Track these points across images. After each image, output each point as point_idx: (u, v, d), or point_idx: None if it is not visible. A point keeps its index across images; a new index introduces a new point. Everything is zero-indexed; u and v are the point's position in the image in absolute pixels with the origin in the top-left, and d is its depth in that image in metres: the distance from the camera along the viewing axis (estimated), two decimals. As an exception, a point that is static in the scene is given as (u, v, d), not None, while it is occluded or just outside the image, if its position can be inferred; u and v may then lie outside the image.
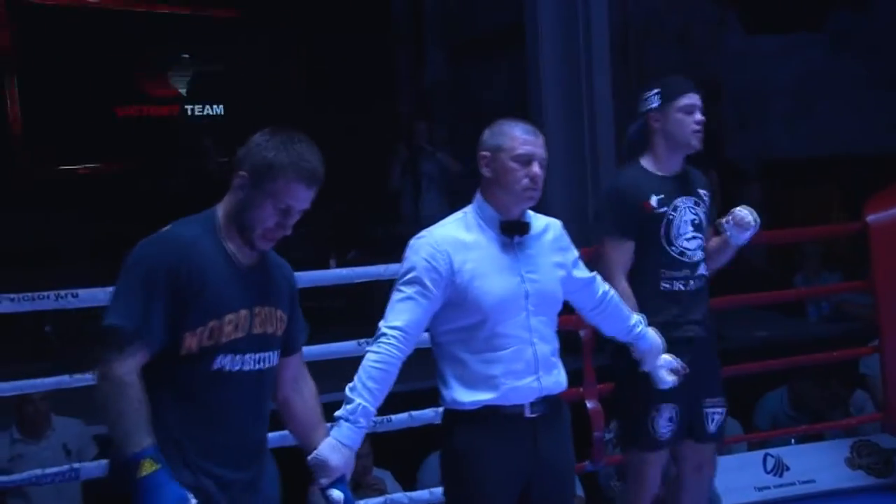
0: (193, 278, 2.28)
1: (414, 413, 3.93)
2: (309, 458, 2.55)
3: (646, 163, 3.50)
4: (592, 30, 7.27)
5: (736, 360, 5.42)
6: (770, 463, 4.74)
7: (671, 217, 3.43)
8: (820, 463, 4.79)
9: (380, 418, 3.99)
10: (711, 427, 3.56)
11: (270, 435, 3.26)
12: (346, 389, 2.65)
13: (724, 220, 3.48)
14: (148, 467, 2.17)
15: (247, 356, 2.37)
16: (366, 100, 9.86)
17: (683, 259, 3.45)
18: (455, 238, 2.80)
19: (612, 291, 3.11)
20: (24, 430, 4.78)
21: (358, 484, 4.79)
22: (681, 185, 3.49)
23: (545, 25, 7.31)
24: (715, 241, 3.58)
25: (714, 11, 9.13)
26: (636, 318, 3.15)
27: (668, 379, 3.16)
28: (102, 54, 9.54)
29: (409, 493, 4.13)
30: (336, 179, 9.65)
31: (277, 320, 2.45)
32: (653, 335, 3.16)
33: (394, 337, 2.70)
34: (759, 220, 3.46)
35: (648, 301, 3.36)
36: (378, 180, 8.15)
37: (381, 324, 2.74)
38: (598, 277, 3.08)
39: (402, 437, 4.32)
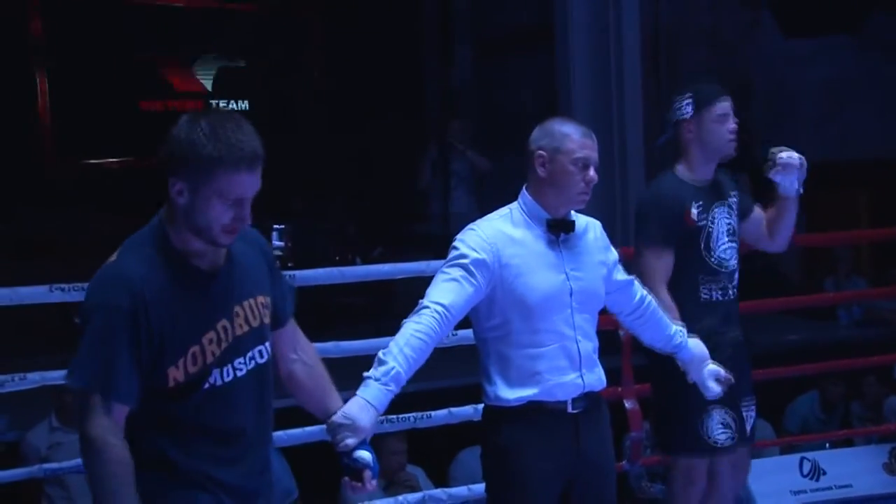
0: (154, 315, 2.12)
1: (454, 410, 3.90)
2: (335, 417, 2.39)
3: (681, 171, 3.46)
4: (623, 30, 7.25)
5: (767, 363, 5.40)
6: (807, 467, 4.70)
7: (710, 228, 3.41)
8: (857, 468, 4.75)
9: (420, 414, 3.98)
10: (748, 428, 3.55)
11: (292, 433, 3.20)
12: (380, 353, 2.55)
13: (770, 171, 3.42)
14: None
15: (237, 362, 2.23)
16: (393, 98, 9.85)
17: (721, 269, 3.43)
18: (504, 233, 2.79)
19: (650, 297, 3.08)
20: (62, 419, 4.79)
21: (391, 481, 4.79)
22: (715, 193, 3.46)
23: (575, 25, 7.30)
24: (772, 210, 3.55)
25: (745, 12, 9.09)
26: (676, 327, 3.11)
27: (714, 389, 3.11)
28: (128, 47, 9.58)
29: (447, 490, 4.11)
30: (361, 177, 9.71)
31: (261, 308, 2.29)
32: (696, 344, 3.12)
33: (437, 312, 2.64)
34: (803, 159, 3.40)
35: (689, 311, 3.32)
36: (404, 178, 8.14)
37: (424, 300, 2.67)
38: (637, 282, 3.06)
39: (434, 435, 4.30)
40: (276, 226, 9.09)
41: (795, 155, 3.41)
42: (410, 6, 10.27)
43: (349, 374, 2.72)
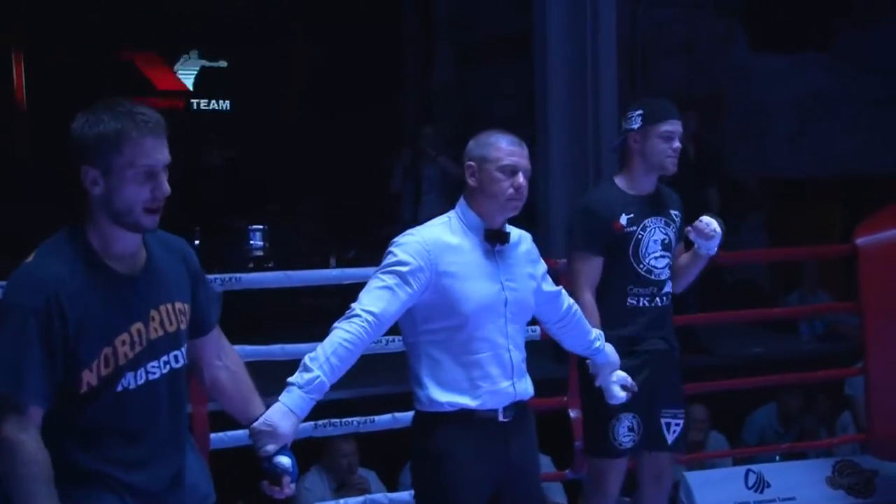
0: (68, 317, 2.11)
1: (398, 415, 3.95)
2: (256, 423, 2.43)
3: (619, 181, 3.58)
4: (600, 40, 7.30)
5: (726, 375, 5.47)
6: (752, 479, 4.75)
7: (640, 236, 3.51)
8: (801, 481, 4.80)
9: (363, 418, 4.03)
10: (669, 437, 3.63)
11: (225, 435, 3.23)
12: (306, 358, 2.58)
13: (688, 229, 3.53)
14: None
15: (150, 365, 2.24)
16: (371, 101, 9.91)
17: (650, 277, 3.52)
18: (442, 240, 2.84)
19: (576, 306, 3.18)
20: None
21: (342, 482, 4.85)
22: (652, 205, 3.56)
23: (553, 35, 7.35)
24: (686, 256, 3.66)
25: (720, 26, 9.16)
26: (596, 333, 3.22)
27: (619, 394, 3.22)
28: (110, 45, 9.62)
29: (389, 494, 4.17)
30: (339, 179, 9.75)
31: (178, 314, 2.31)
32: (610, 351, 3.23)
33: (367, 321, 2.67)
34: (723, 228, 3.51)
35: (615, 315, 3.45)
36: (380, 181, 8.21)
37: (355, 305, 2.71)
38: (564, 292, 3.14)
39: (387, 438, 4.35)
40: (253, 226, 9.16)
41: (715, 225, 3.49)
42: (391, 12, 10.33)
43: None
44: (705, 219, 3.51)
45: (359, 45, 10.09)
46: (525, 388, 2.92)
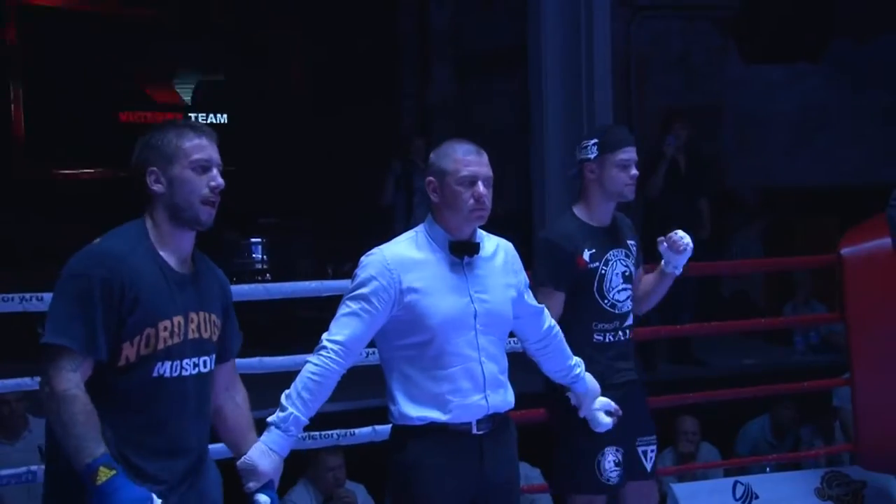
0: (126, 290, 2.31)
1: (378, 427, 3.95)
2: (238, 462, 2.58)
3: (578, 211, 3.51)
4: (594, 53, 7.33)
5: (719, 386, 5.46)
6: (739, 490, 4.74)
7: (603, 271, 3.45)
8: (790, 492, 4.78)
9: (343, 431, 4.04)
10: (648, 465, 3.58)
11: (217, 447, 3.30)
12: (282, 396, 2.69)
13: (661, 240, 3.50)
14: (104, 474, 2.19)
15: (185, 361, 2.41)
16: (368, 114, 9.94)
17: (614, 311, 3.47)
18: (405, 256, 2.83)
19: (557, 328, 3.14)
20: (-1, 431, 4.84)
21: (329, 496, 4.84)
22: (611, 237, 3.51)
23: (548, 48, 7.38)
24: (651, 277, 3.63)
25: (715, 38, 9.18)
26: (576, 360, 3.17)
27: (604, 421, 3.18)
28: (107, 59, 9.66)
29: (371, 507, 4.16)
30: (336, 192, 9.75)
31: (212, 325, 2.50)
32: (590, 379, 3.19)
33: (333, 351, 2.73)
34: (692, 245, 3.48)
35: (581, 351, 3.33)
36: (376, 194, 8.23)
37: (324, 336, 2.77)
38: (546, 311, 3.11)
39: (376, 451, 4.34)
40: (254, 239, 9.19)
41: (688, 240, 3.47)
42: (389, 25, 10.37)
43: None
44: (680, 232, 3.49)
45: (356, 59, 10.12)
46: (501, 400, 2.89)
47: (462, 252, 2.86)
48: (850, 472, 4.88)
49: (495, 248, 2.95)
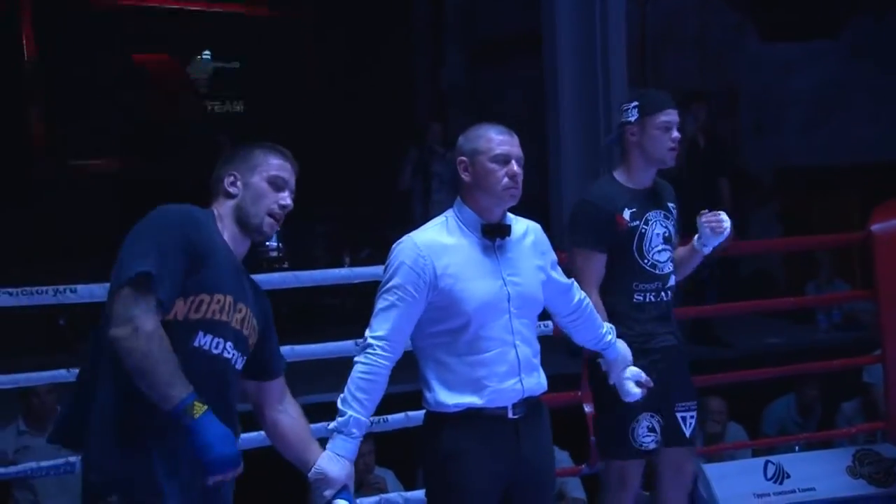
0: (200, 248, 2.38)
1: (410, 413, 3.94)
2: (309, 473, 2.62)
3: (618, 175, 3.51)
4: (609, 35, 7.30)
5: (744, 366, 5.45)
6: (771, 470, 4.72)
7: (643, 230, 3.45)
8: (821, 471, 4.76)
9: (376, 418, 4.01)
10: (687, 431, 3.58)
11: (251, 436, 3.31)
12: (338, 401, 2.72)
13: (700, 219, 3.48)
14: (199, 409, 2.25)
15: (225, 343, 2.43)
16: (383, 100, 9.91)
17: (655, 271, 3.46)
18: (437, 242, 2.81)
19: (588, 300, 3.14)
20: (30, 422, 4.84)
21: (359, 482, 4.84)
22: (652, 199, 3.50)
23: (562, 31, 7.35)
24: (682, 251, 3.61)
25: (731, 17, 9.12)
26: (607, 327, 3.18)
27: (634, 391, 3.17)
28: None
29: (404, 493, 4.16)
30: (352, 179, 9.72)
31: (252, 326, 2.53)
32: (622, 346, 3.19)
33: (379, 347, 2.74)
34: (729, 231, 3.48)
35: (622, 313, 3.38)
36: (393, 180, 8.21)
37: (367, 333, 2.78)
38: (576, 284, 3.11)
39: (405, 437, 4.34)
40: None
41: (728, 224, 3.46)
42: (402, 10, 10.34)
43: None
44: (722, 215, 3.47)
45: (370, 46, 10.10)
46: (535, 383, 2.89)
47: (494, 234, 2.84)
48: (882, 449, 4.87)
49: (525, 229, 2.94)
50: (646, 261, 3.45)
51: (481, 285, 2.79)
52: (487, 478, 2.82)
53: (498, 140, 2.82)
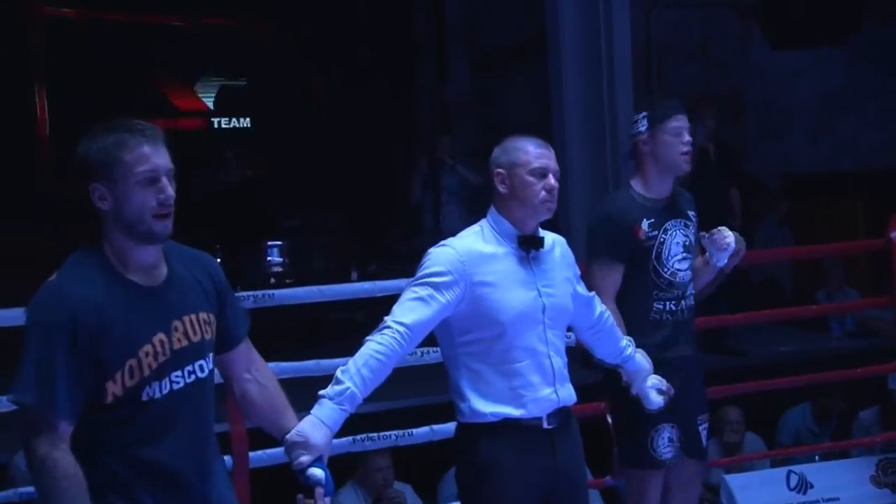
0: (93, 330, 2.17)
1: (435, 427, 3.92)
2: (289, 435, 2.44)
3: (636, 186, 3.51)
4: (614, 43, 7.26)
5: (759, 375, 5.41)
6: (794, 480, 4.70)
7: (662, 240, 3.44)
8: (845, 480, 4.75)
9: (401, 432, 4.00)
10: (704, 442, 3.60)
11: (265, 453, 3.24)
12: (338, 371, 2.59)
13: (703, 235, 3.48)
14: None
15: (174, 374, 2.28)
16: (389, 113, 9.90)
17: (675, 280, 3.46)
18: (476, 250, 2.82)
19: (608, 313, 3.15)
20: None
21: (378, 497, 4.80)
22: (671, 209, 3.50)
23: (567, 39, 7.32)
24: (699, 261, 3.60)
25: (736, 25, 9.11)
26: (626, 340, 3.19)
27: (656, 399, 3.18)
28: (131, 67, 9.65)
29: (428, 508, 4.11)
30: (358, 192, 9.68)
31: (202, 325, 2.35)
32: (640, 358, 3.20)
33: (399, 332, 2.67)
34: (741, 245, 3.46)
35: (641, 323, 3.39)
36: (399, 193, 8.18)
37: (388, 318, 2.71)
38: (597, 298, 3.12)
39: (423, 451, 4.32)
40: (271, 242, 9.12)
41: (731, 239, 3.43)
42: (405, 22, 10.33)
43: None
44: (724, 230, 3.46)
45: (374, 57, 10.10)
46: (568, 393, 2.90)
47: (530, 246, 2.86)
48: (905, 458, 4.84)
49: (553, 242, 2.96)
50: (665, 270, 3.45)
51: (517, 295, 2.80)
52: (525, 489, 2.81)
53: (536, 153, 2.84)
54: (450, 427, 3.91)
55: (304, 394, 2.70)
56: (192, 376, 2.32)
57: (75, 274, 2.23)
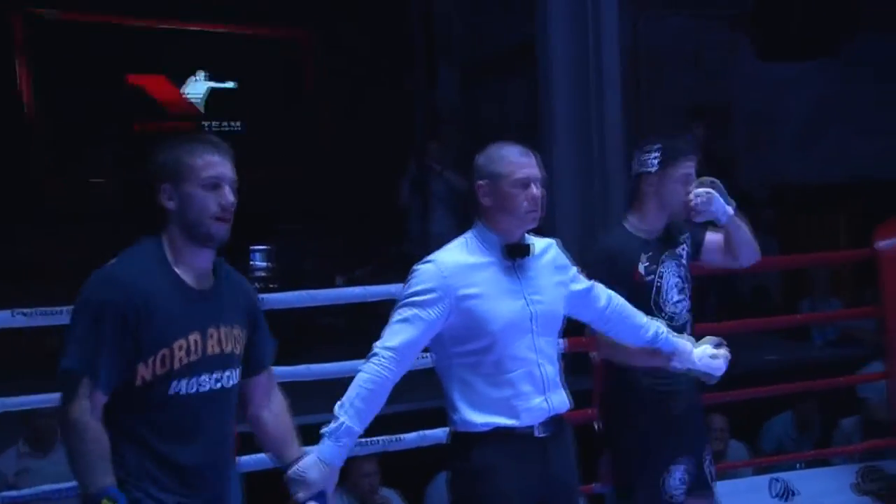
0: (140, 313, 2.33)
1: (425, 432, 3.93)
2: (288, 472, 2.60)
3: (632, 220, 3.43)
4: (603, 52, 7.30)
5: (743, 383, 5.44)
6: (777, 487, 4.73)
7: (658, 284, 3.38)
8: (827, 488, 4.78)
9: (390, 437, 4.01)
10: (712, 480, 3.51)
11: (245, 459, 3.30)
12: (336, 406, 2.66)
13: (692, 205, 3.34)
14: None
15: (203, 377, 2.42)
16: (378, 118, 9.92)
17: (672, 323, 3.34)
18: (460, 263, 2.81)
19: (615, 296, 3.09)
20: (32, 445, 4.81)
21: (365, 502, 4.82)
22: (665, 242, 3.43)
23: (556, 48, 7.35)
24: (720, 235, 3.50)
25: (726, 35, 9.16)
26: (648, 324, 3.11)
27: (719, 366, 3.11)
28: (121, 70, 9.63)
29: (415, 513, 4.13)
30: (348, 197, 9.67)
31: (235, 339, 2.50)
32: (674, 338, 3.11)
33: (385, 358, 2.71)
34: (703, 197, 3.32)
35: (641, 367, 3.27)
36: (387, 199, 8.20)
37: (376, 344, 2.75)
38: (598, 285, 3.07)
39: (409, 457, 4.32)
40: (255, 247, 9.10)
41: (703, 191, 3.31)
42: (396, 29, 10.36)
43: (323, 396, 2.89)
44: (693, 192, 3.32)
45: (365, 63, 10.12)
46: (560, 401, 2.90)
47: (515, 254, 2.85)
48: (886, 465, 4.88)
49: (544, 248, 2.95)
50: (663, 314, 3.36)
51: (505, 305, 2.80)
52: (518, 496, 2.82)
53: (519, 163, 2.82)
54: (440, 433, 3.95)
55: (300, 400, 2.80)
56: (219, 384, 2.45)
57: (132, 262, 2.41)
